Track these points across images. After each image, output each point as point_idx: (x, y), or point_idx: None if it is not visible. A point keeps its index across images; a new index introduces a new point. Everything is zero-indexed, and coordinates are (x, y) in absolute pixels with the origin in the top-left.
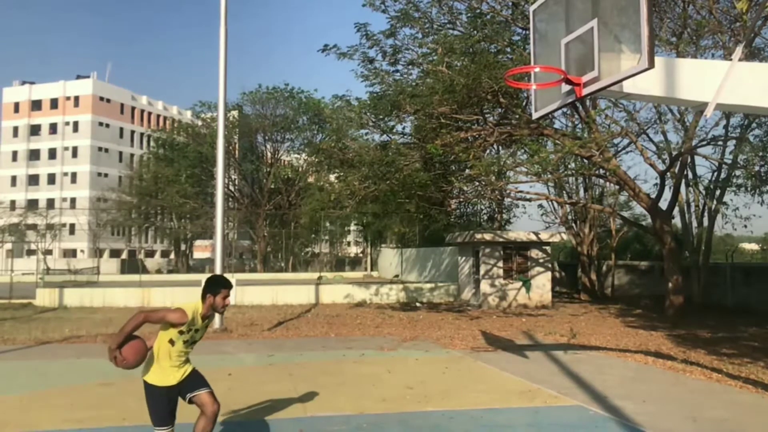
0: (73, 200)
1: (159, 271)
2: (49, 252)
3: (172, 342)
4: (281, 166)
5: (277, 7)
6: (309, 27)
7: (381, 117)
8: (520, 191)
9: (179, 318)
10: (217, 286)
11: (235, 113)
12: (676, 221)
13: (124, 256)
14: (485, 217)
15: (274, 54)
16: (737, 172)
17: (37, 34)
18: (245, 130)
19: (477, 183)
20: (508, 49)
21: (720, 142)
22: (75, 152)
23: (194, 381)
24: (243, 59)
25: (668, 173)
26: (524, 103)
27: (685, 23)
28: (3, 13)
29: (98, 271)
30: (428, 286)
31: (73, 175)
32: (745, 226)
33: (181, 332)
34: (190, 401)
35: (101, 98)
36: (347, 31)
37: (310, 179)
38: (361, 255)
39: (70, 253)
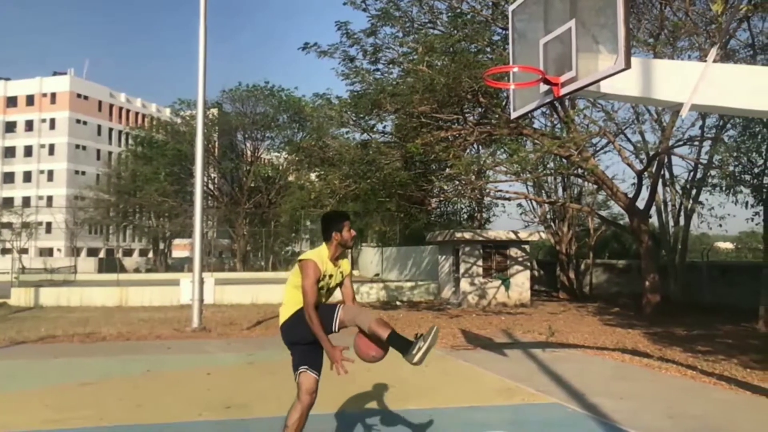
0: (49, 198)
1: (137, 270)
2: (24, 251)
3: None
4: (261, 165)
5: (258, 4)
6: (290, 25)
7: (361, 116)
8: (500, 190)
9: (316, 274)
10: (338, 220)
11: (214, 111)
12: (653, 220)
13: (101, 255)
14: (465, 216)
15: (255, 52)
16: (713, 172)
17: (12, 30)
18: (225, 128)
19: (457, 182)
20: (488, 49)
21: (696, 143)
22: (52, 150)
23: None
24: (223, 57)
25: (645, 173)
26: (504, 103)
27: (662, 24)
28: None
29: (75, 270)
30: (408, 284)
31: (50, 173)
32: (720, 225)
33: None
34: None
35: (78, 95)
36: (328, 29)
37: (291, 178)
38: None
39: (47, 252)
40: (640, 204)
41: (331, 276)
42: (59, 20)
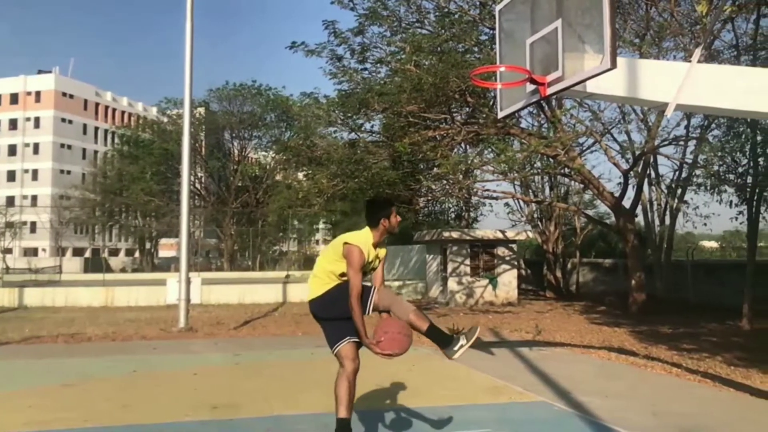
0: (34, 198)
1: (123, 270)
2: (8, 251)
3: (343, 275)
4: (248, 164)
5: (245, 3)
6: (277, 23)
7: (349, 115)
8: (487, 190)
9: (362, 261)
10: (386, 206)
11: (201, 110)
12: (639, 219)
13: (87, 254)
14: (453, 216)
15: (242, 51)
16: (697, 172)
17: None
18: (212, 127)
19: (445, 181)
20: (476, 49)
21: (681, 142)
22: (36, 149)
23: None
24: (210, 56)
25: (631, 172)
26: (491, 103)
27: (648, 25)
28: None
29: (60, 270)
30: (396, 283)
31: (34, 172)
32: (705, 224)
33: None
34: None
35: (64, 94)
36: (315, 28)
37: (278, 177)
38: None
39: (31, 252)
40: (626, 203)
41: (370, 262)
42: (45, 18)
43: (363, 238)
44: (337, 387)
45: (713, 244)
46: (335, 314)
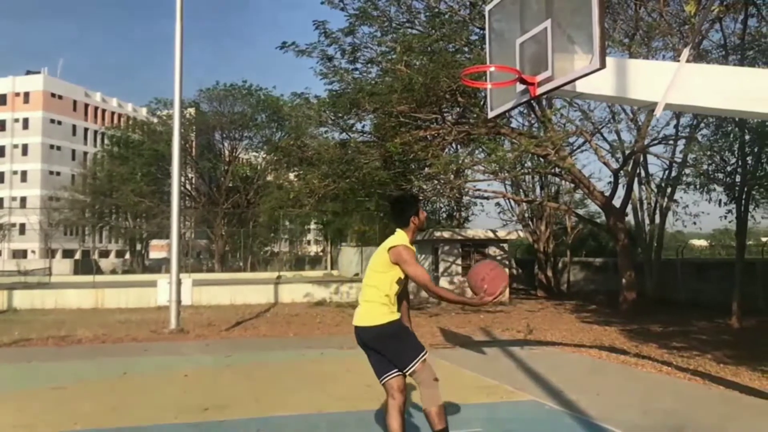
0: (23, 199)
1: (114, 272)
2: None
3: (400, 281)
4: (239, 164)
5: (235, 3)
6: (267, 23)
7: (340, 115)
8: (478, 189)
9: (413, 254)
10: (413, 203)
11: (191, 110)
12: (630, 218)
13: (77, 256)
14: (444, 215)
15: (232, 51)
16: (687, 171)
17: None
18: (202, 127)
19: (436, 181)
20: (466, 49)
21: (671, 142)
22: (25, 150)
23: None
24: (200, 56)
25: (622, 171)
26: (482, 103)
27: (637, 25)
28: None
29: (50, 272)
30: None
31: (23, 174)
32: (695, 223)
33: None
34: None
35: (53, 94)
36: (306, 28)
37: (269, 177)
38: (321, 254)
39: (20, 254)
40: (617, 202)
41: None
42: (33, 18)
43: (401, 238)
44: (390, 420)
45: (703, 243)
46: (390, 349)
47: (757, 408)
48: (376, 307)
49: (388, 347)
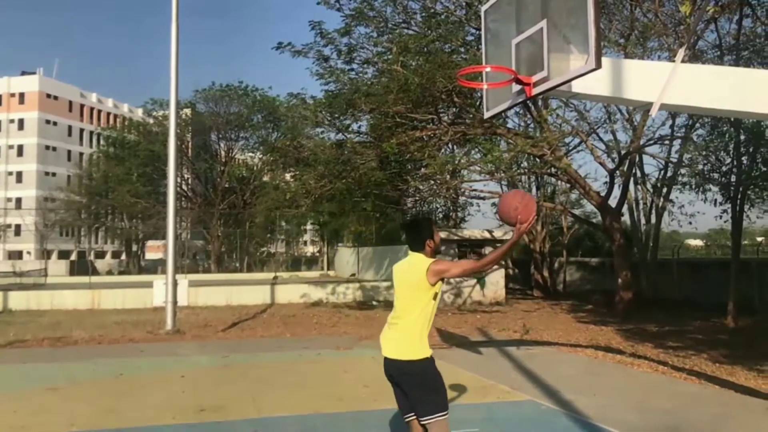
0: (18, 200)
1: (110, 273)
2: None
3: (437, 297)
4: (235, 165)
5: (231, 4)
6: (263, 24)
7: (336, 115)
8: (475, 190)
9: (450, 263)
10: (428, 225)
11: (187, 111)
12: (625, 218)
13: (73, 257)
14: (441, 216)
15: (228, 51)
16: (682, 171)
17: None
18: (198, 128)
19: (432, 182)
20: (462, 49)
21: (666, 142)
22: (20, 151)
23: None
24: (196, 56)
25: (617, 171)
26: (478, 103)
27: (633, 25)
28: None
29: (45, 273)
30: (385, 284)
31: (19, 174)
32: (690, 223)
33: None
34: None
35: (48, 95)
36: (302, 28)
37: (265, 178)
38: (317, 254)
39: (16, 255)
40: (613, 202)
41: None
42: (28, 19)
43: (425, 258)
44: None
45: (698, 243)
46: (414, 392)
47: (753, 407)
48: (413, 339)
49: (413, 389)
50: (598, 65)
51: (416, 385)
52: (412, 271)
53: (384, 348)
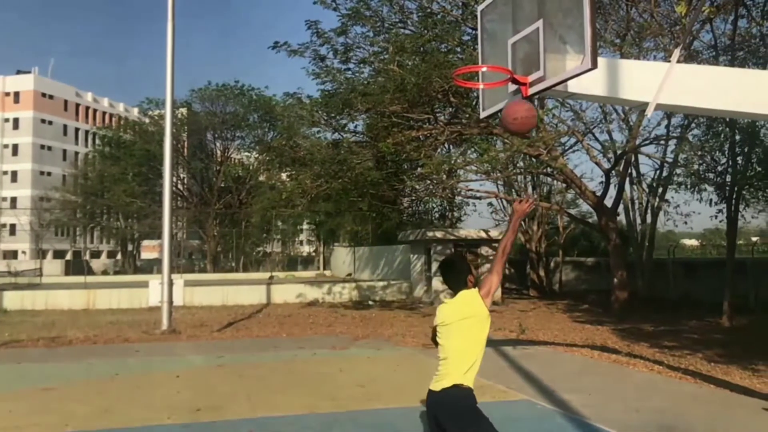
0: (13, 200)
1: (105, 272)
2: None
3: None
4: (231, 165)
5: (227, 2)
6: (259, 23)
7: (333, 115)
8: (471, 189)
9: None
10: (465, 262)
11: (183, 110)
12: (621, 218)
13: (68, 257)
14: (437, 215)
15: (224, 50)
16: (678, 171)
17: None
18: (194, 127)
19: (428, 181)
20: (459, 49)
21: (662, 142)
22: (15, 150)
23: None
24: (192, 55)
25: (613, 171)
26: (474, 103)
27: (629, 25)
28: None
29: (41, 273)
30: (381, 284)
31: (14, 174)
32: (686, 223)
33: None
34: None
35: (43, 94)
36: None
37: (262, 178)
38: (313, 254)
39: (11, 255)
40: (608, 202)
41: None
42: (23, 18)
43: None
44: None
45: (694, 242)
46: (457, 426)
47: (748, 406)
48: (472, 371)
49: (456, 422)
50: (594, 65)
51: (462, 417)
52: (470, 312)
53: (434, 383)
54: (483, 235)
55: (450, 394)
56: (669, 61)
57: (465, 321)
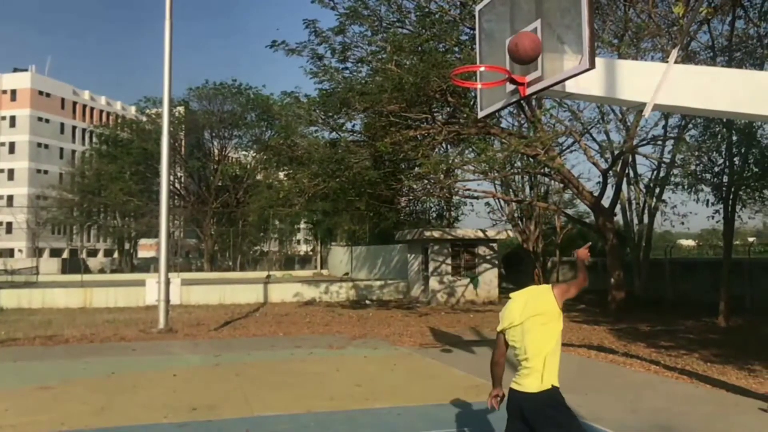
0: (10, 198)
1: (102, 271)
2: None
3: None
4: (229, 164)
5: (226, 1)
6: (257, 22)
7: (330, 114)
8: (468, 189)
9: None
10: (527, 255)
11: (181, 109)
12: (618, 218)
13: (65, 255)
14: (434, 215)
15: (222, 49)
16: (675, 171)
17: None
18: (192, 126)
19: (426, 181)
20: (456, 49)
21: (659, 142)
22: (12, 148)
23: None
24: (189, 54)
25: (610, 171)
26: (472, 103)
27: (626, 26)
28: None
29: (37, 271)
30: (378, 283)
31: (10, 172)
32: (683, 223)
33: None
34: None
35: (40, 92)
36: (296, 26)
37: (259, 177)
38: (311, 253)
39: (7, 253)
40: (606, 202)
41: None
42: (20, 15)
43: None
44: None
45: (690, 243)
46: (547, 424)
47: (744, 406)
48: (554, 366)
49: (548, 420)
50: (592, 65)
51: (552, 413)
52: (543, 308)
53: (522, 384)
54: (480, 234)
55: (545, 395)
56: (667, 62)
57: (539, 317)
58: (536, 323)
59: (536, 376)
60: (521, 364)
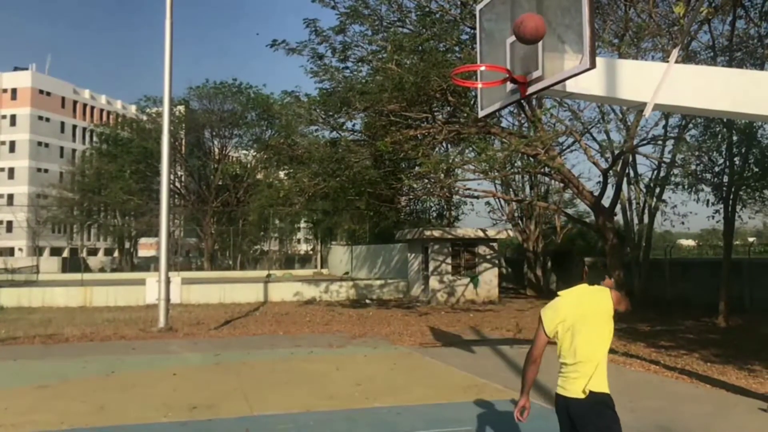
0: (10, 196)
1: (102, 270)
2: None
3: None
4: (229, 163)
5: (226, 0)
6: (257, 21)
7: (331, 113)
8: (468, 188)
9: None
10: (576, 252)
11: (181, 108)
12: (618, 218)
13: (65, 254)
14: (434, 215)
15: (222, 48)
16: (675, 171)
17: None
18: (192, 125)
19: (426, 180)
20: (457, 48)
21: (660, 142)
22: (12, 147)
23: None
24: (190, 53)
25: (611, 171)
26: (472, 102)
27: (627, 26)
28: None
29: (37, 270)
30: (378, 282)
31: (11, 171)
32: (683, 223)
33: None
34: None
35: (41, 91)
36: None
37: (259, 176)
38: (311, 252)
39: (7, 252)
40: (606, 202)
41: None
42: (21, 14)
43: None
44: None
45: (690, 243)
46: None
47: (744, 406)
48: (604, 371)
49: (592, 424)
50: (593, 65)
51: (601, 418)
52: (601, 307)
53: (569, 390)
54: (480, 234)
55: (591, 400)
56: (667, 62)
57: (593, 318)
58: (589, 324)
59: (584, 381)
60: (567, 366)
